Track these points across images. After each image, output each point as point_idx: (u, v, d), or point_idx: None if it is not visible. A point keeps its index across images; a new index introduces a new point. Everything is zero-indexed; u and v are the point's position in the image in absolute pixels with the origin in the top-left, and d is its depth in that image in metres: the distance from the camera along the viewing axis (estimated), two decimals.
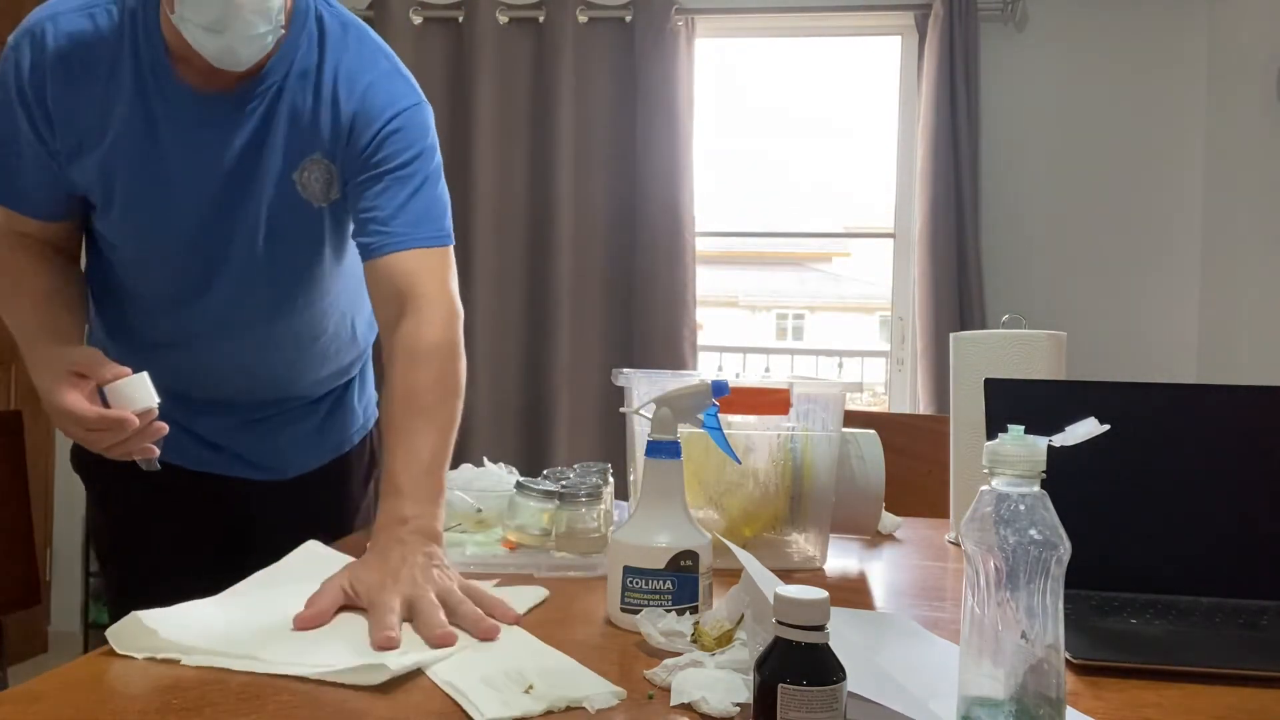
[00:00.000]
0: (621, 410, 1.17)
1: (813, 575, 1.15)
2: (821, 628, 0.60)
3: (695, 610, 0.89)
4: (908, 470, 1.78)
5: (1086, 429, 0.69)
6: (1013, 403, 1.10)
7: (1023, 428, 0.67)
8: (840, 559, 1.24)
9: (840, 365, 5.70)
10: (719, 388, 0.98)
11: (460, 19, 3.19)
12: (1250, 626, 0.93)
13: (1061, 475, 0.70)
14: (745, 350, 5.79)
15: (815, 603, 0.61)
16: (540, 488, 1.18)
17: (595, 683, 0.74)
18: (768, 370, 5.32)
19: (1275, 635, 0.91)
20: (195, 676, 0.74)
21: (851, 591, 1.09)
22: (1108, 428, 0.69)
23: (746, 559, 0.80)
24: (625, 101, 3.17)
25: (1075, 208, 3.11)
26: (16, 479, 1.44)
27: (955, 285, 3.02)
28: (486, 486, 1.26)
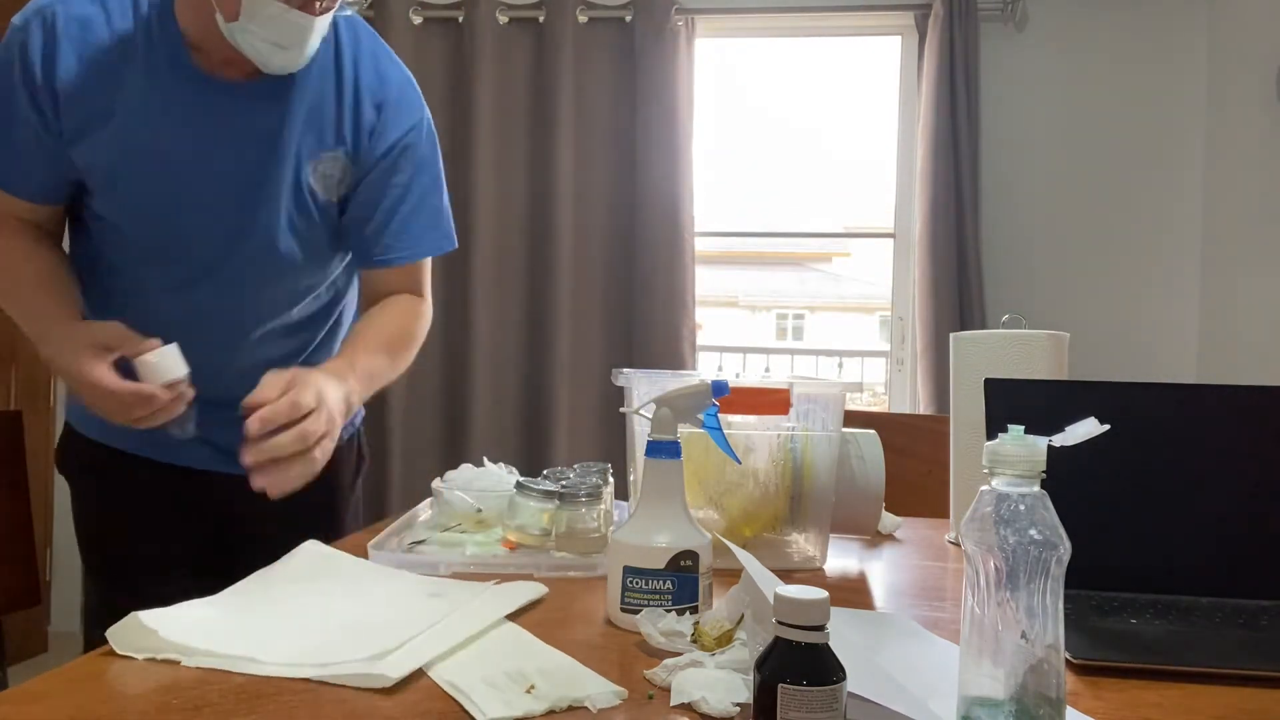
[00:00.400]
0: (621, 410, 1.17)
1: (813, 575, 1.15)
2: (821, 628, 0.60)
3: (695, 610, 0.89)
4: (908, 470, 1.78)
5: (1086, 429, 0.69)
6: (1013, 403, 1.10)
7: (1023, 428, 0.67)
8: (840, 559, 1.24)
9: (840, 365, 5.71)
10: (719, 388, 0.98)
11: (460, 19, 3.19)
12: (1250, 626, 0.93)
13: (1061, 475, 0.70)
14: (745, 350, 5.80)
15: (815, 603, 0.61)
16: (540, 488, 1.18)
17: (597, 682, 0.74)
18: (768, 370, 5.33)
19: (1275, 635, 0.91)
20: (195, 676, 0.74)
21: (851, 591, 1.09)
22: (1108, 428, 0.69)
23: (746, 559, 0.80)
24: (625, 101, 3.17)
25: (1075, 207, 3.11)
26: (16, 479, 1.44)
27: (955, 285, 3.02)
28: (486, 486, 1.26)
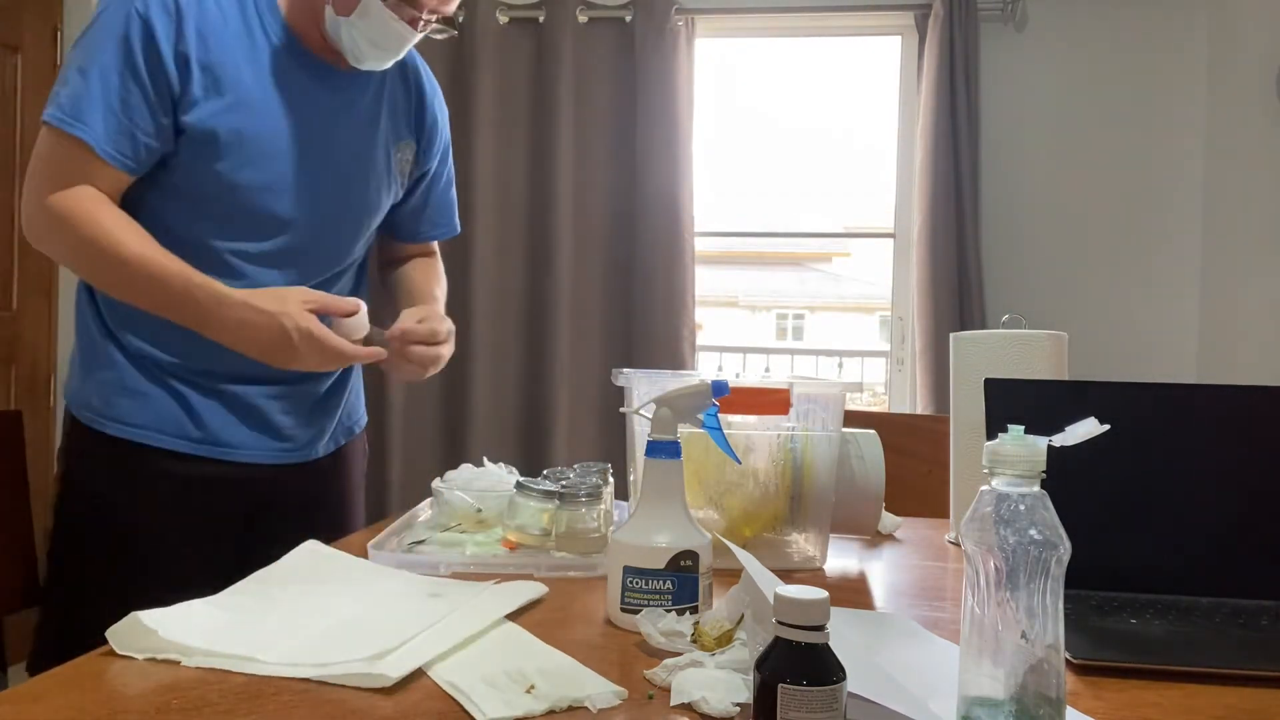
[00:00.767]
0: (621, 410, 1.17)
1: (813, 575, 1.15)
2: (821, 628, 0.60)
3: (695, 610, 0.89)
4: (908, 470, 1.78)
5: (1086, 429, 0.69)
6: (1013, 403, 1.10)
7: (1023, 428, 0.67)
8: (840, 559, 1.24)
9: (840, 365, 5.71)
10: (719, 388, 0.98)
11: (460, 19, 3.19)
12: (1250, 626, 0.93)
13: (1061, 475, 0.70)
14: (745, 350, 5.80)
15: (815, 603, 0.61)
16: (540, 488, 1.18)
17: (597, 682, 0.74)
18: (768, 370, 5.33)
19: (1275, 635, 0.91)
20: (195, 676, 0.74)
21: (851, 591, 1.09)
22: (1108, 428, 0.69)
23: (746, 559, 0.80)
24: (625, 101, 3.17)
25: (1075, 207, 3.11)
26: (16, 479, 1.44)
27: (955, 285, 3.02)
28: (486, 486, 1.26)
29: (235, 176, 1.23)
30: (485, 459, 1.39)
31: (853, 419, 1.47)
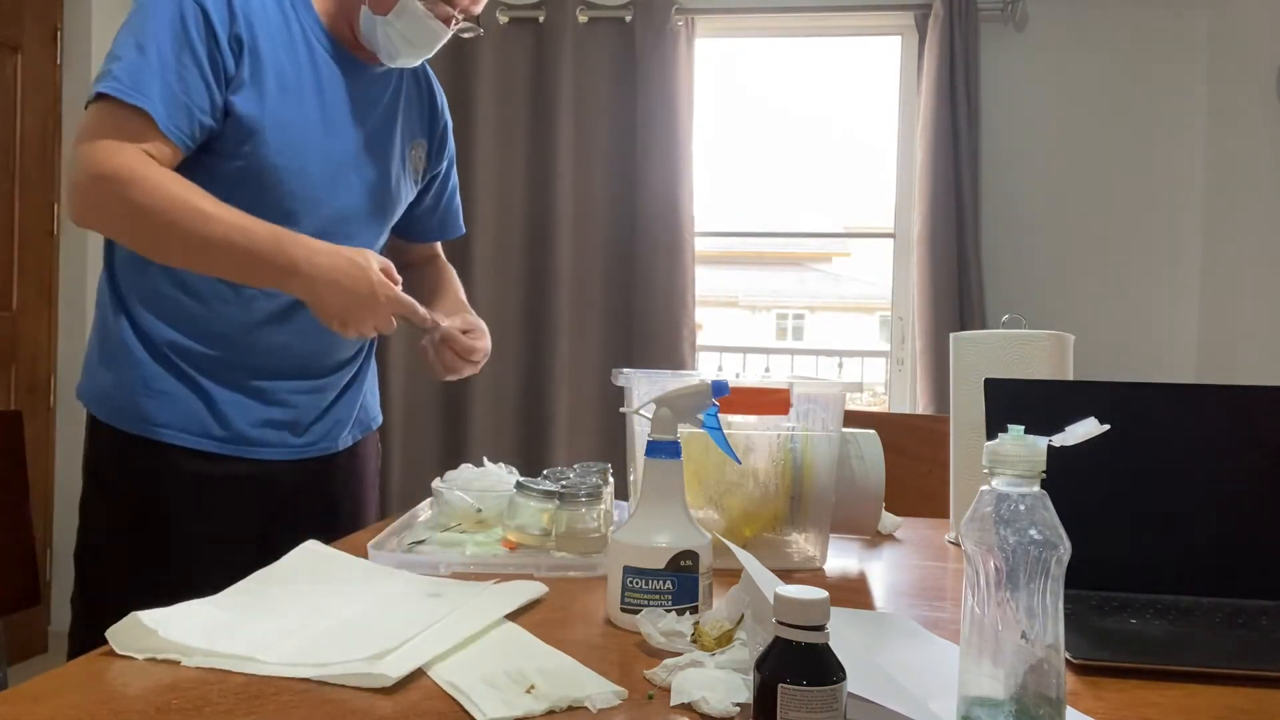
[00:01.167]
0: (621, 410, 1.17)
1: (813, 575, 1.15)
2: (821, 628, 0.60)
3: (695, 610, 0.89)
4: (908, 470, 1.78)
5: (1086, 429, 0.69)
6: (1013, 403, 1.10)
7: (1023, 428, 0.67)
8: (840, 559, 1.24)
9: (840, 365, 5.71)
10: (719, 388, 0.98)
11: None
12: (1250, 626, 0.93)
13: (1061, 475, 0.70)
14: (745, 350, 5.80)
15: (815, 603, 0.61)
16: (540, 488, 1.18)
17: (597, 682, 0.74)
18: (768, 370, 5.33)
19: (1275, 635, 0.91)
20: (195, 676, 0.74)
21: (851, 591, 1.09)
22: (1108, 428, 0.69)
23: (746, 559, 0.80)
24: (625, 101, 3.17)
25: (1075, 207, 3.11)
26: (16, 479, 1.44)
27: (955, 285, 3.02)
28: (486, 486, 1.26)
29: (272, 160, 1.24)
30: (485, 459, 1.39)
31: (853, 419, 1.47)
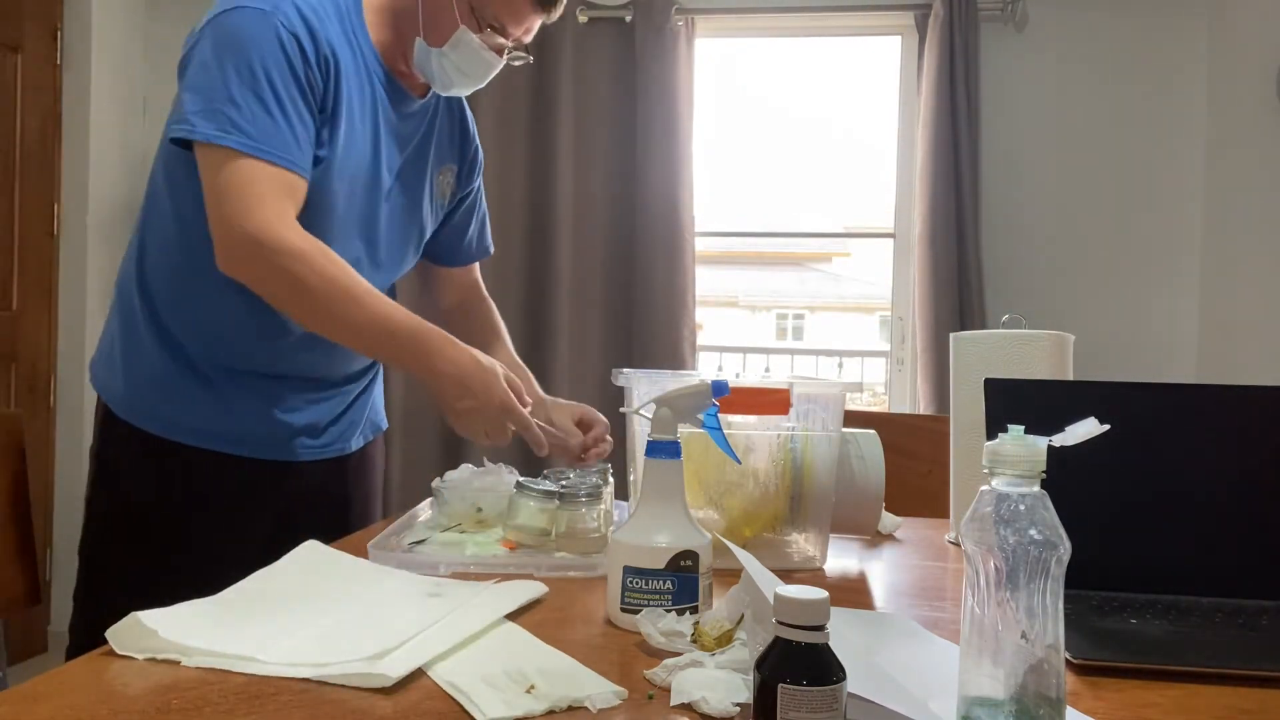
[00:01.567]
0: (621, 410, 1.17)
1: (813, 575, 1.15)
2: (821, 628, 0.60)
3: (695, 610, 0.89)
4: (908, 470, 1.78)
5: (1086, 429, 0.69)
6: (1013, 403, 1.10)
7: (1023, 428, 0.67)
8: (840, 559, 1.24)
9: (840, 365, 5.71)
10: (719, 388, 0.98)
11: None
12: (1250, 626, 0.93)
13: (1061, 475, 0.70)
14: (745, 350, 5.80)
15: (815, 603, 0.61)
16: (540, 488, 1.18)
17: (597, 682, 0.74)
18: (768, 370, 5.33)
19: (1275, 635, 0.91)
20: (195, 676, 0.74)
21: (851, 591, 1.09)
22: (1108, 428, 0.69)
23: (746, 559, 0.80)
24: (625, 101, 3.17)
25: (1075, 207, 3.11)
26: (16, 479, 1.44)
27: (955, 285, 3.02)
28: (486, 486, 1.26)
29: (332, 185, 1.25)
30: (485, 459, 1.39)
31: (853, 419, 1.47)
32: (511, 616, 0.91)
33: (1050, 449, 0.67)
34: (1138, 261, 3.09)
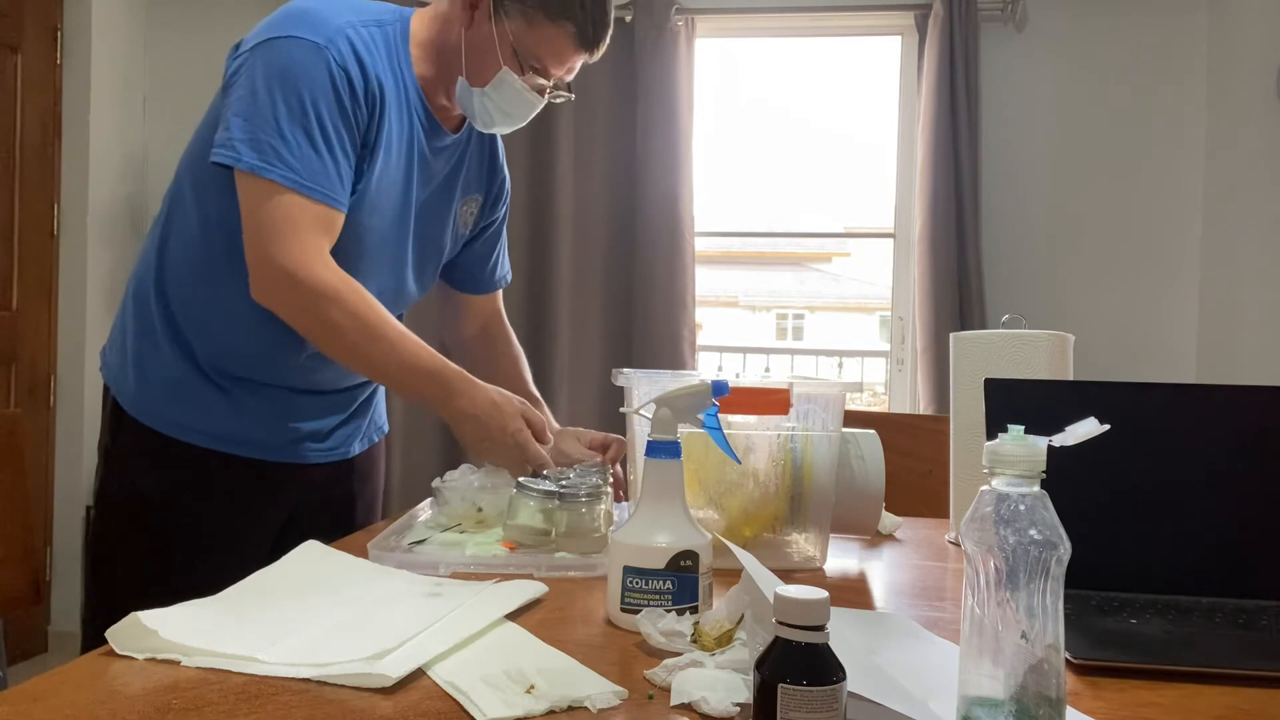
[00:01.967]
0: (621, 410, 1.17)
1: (813, 575, 1.15)
2: (821, 628, 0.60)
3: (695, 610, 0.89)
4: (908, 470, 1.78)
5: (1086, 429, 0.69)
6: (1013, 403, 1.10)
7: (1023, 428, 0.67)
8: (840, 559, 1.24)
9: (840, 365, 5.71)
10: (719, 388, 0.98)
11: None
12: (1250, 626, 0.93)
13: (1061, 475, 0.70)
14: (745, 350, 5.80)
15: (815, 603, 0.60)
16: (540, 488, 1.18)
17: (597, 682, 0.74)
18: (768, 370, 5.33)
19: (1275, 635, 0.91)
20: (195, 676, 0.74)
21: (851, 591, 1.09)
22: (1108, 428, 0.69)
23: (746, 559, 0.80)
24: (625, 101, 3.17)
25: (1075, 207, 3.11)
26: (16, 479, 1.44)
27: (955, 285, 3.02)
28: (486, 486, 1.26)
29: (363, 218, 1.27)
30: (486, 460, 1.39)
31: (853, 419, 1.47)
32: (511, 616, 0.91)
33: (1050, 449, 0.67)
34: (1138, 261, 3.09)
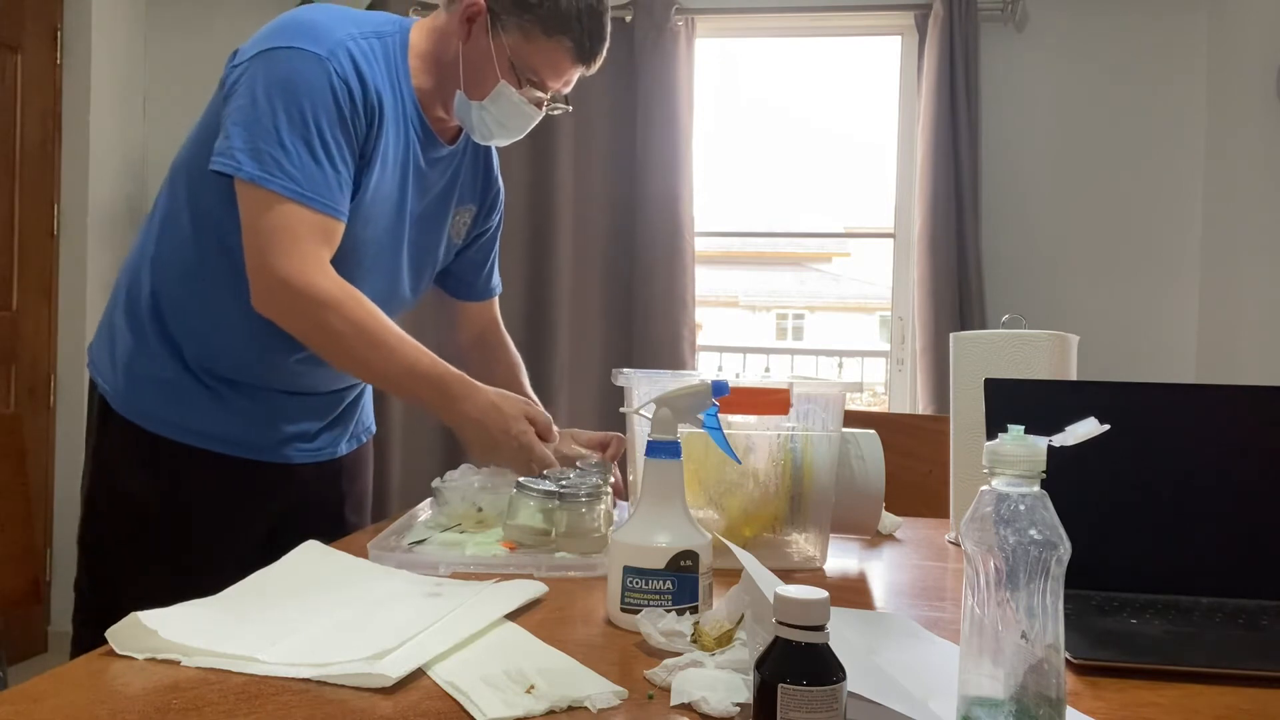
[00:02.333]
0: (621, 410, 1.17)
1: (813, 575, 1.15)
2: (821, 628, 0.60)
3: (695, 610, 0.89)
4: (908, 470, 1.78)
5: (1086, 429, 0.69)
6: (1013, 403, 1.10)
7: (1023, 428, 0.67)
8: (840, 559, 1.24)
9: (840, 365, 5.71)
10: (719, 388, 0.98)
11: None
12: (1250, 626, 0.93)
13: (1061, 475, 0.70)
14: (745, 350, 5.80)
15: (815, 603, 0.60)
16: (540, 488, 1.18)
17: (597, 682, 0.74)
18: (768, 370, 5.33)
19: (1275, 635, 0.91)
20: (195, 676, 0.74)
21: (851, 591, 1.09)
22: (1108, 428, 0.69)
23: (746, 559, 0.80)
24: (625, 101, 3.17)
25: (1075, 207, 3.11)
26: (16, 479, 1.44)
27: (955, 285, 3.02)
28: (486, 486, 1.26)
29: (358, 230, 1.27)
30: None
31: (853, 419, 1.47)
32: (511, 616, 0.91)
33: (1050, 449, 0.67)
34: (1138, 261, 3.09)
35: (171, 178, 1.32)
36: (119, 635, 0.79)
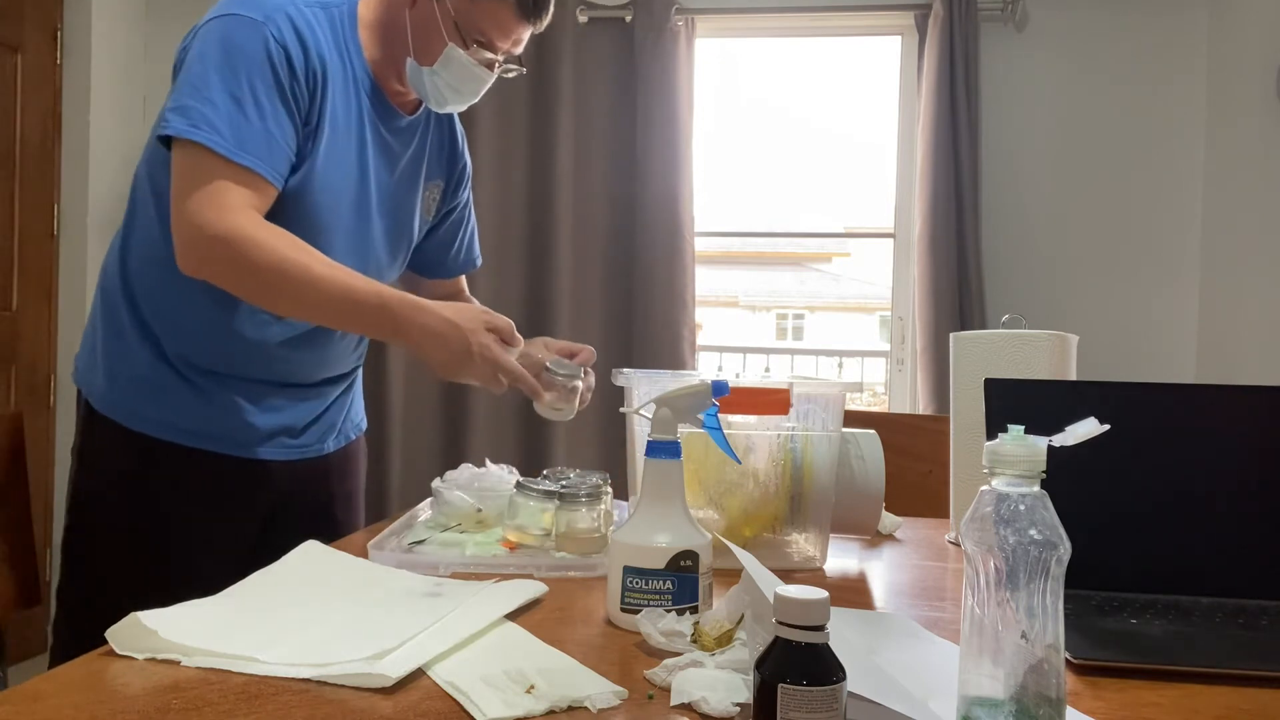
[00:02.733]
0: (621, 410, 1.17)
1: (813, 575, 1.15)
2: (821, 628, 0.60)
3: (695, 610, 0.89)
4: (908, 470, 1.78)
5: (1086, 429, 0.69)
6: (1013, 403, 1.10)
7: (1023, 428, 0.67)
8: (840, 559, 1.24)
9: (840, 365, 5.71)
10: (719, 388, 0.98)
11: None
12: (1250, 626, 0.93)
13: (1061, 475, 0.70)
14: (745, 350, 5.80)
15: (815, 603, 0.61)
16: (540, 488, 1.18)
17: (597, 682, 0.74)
18: (768, 370, 5.33)
19: (1275, 635, 0.91)
20: (195, 676, 0.74)
21: (851, 591, 1.09)
22: (1108, 428, 0.69)
23: (746, 559, 0.80)
24: (625, 101, 3.17)
25: (1075, 207, 3.11)
26: (16, 479, 1.44)
27: (955, 285, 3.02)
28: (486, 486, 1.26)
29: (314, 197, 1.25)
30: (486, 460, 1.39)
31: (853, 419, 1.47)
32: (511, 616, 0.91)
33: (1050, 449, 0.67)
34: (1138, 261, 3.09)
35: (136, 170, 1.32)
36: (119, 635, 0.79)
